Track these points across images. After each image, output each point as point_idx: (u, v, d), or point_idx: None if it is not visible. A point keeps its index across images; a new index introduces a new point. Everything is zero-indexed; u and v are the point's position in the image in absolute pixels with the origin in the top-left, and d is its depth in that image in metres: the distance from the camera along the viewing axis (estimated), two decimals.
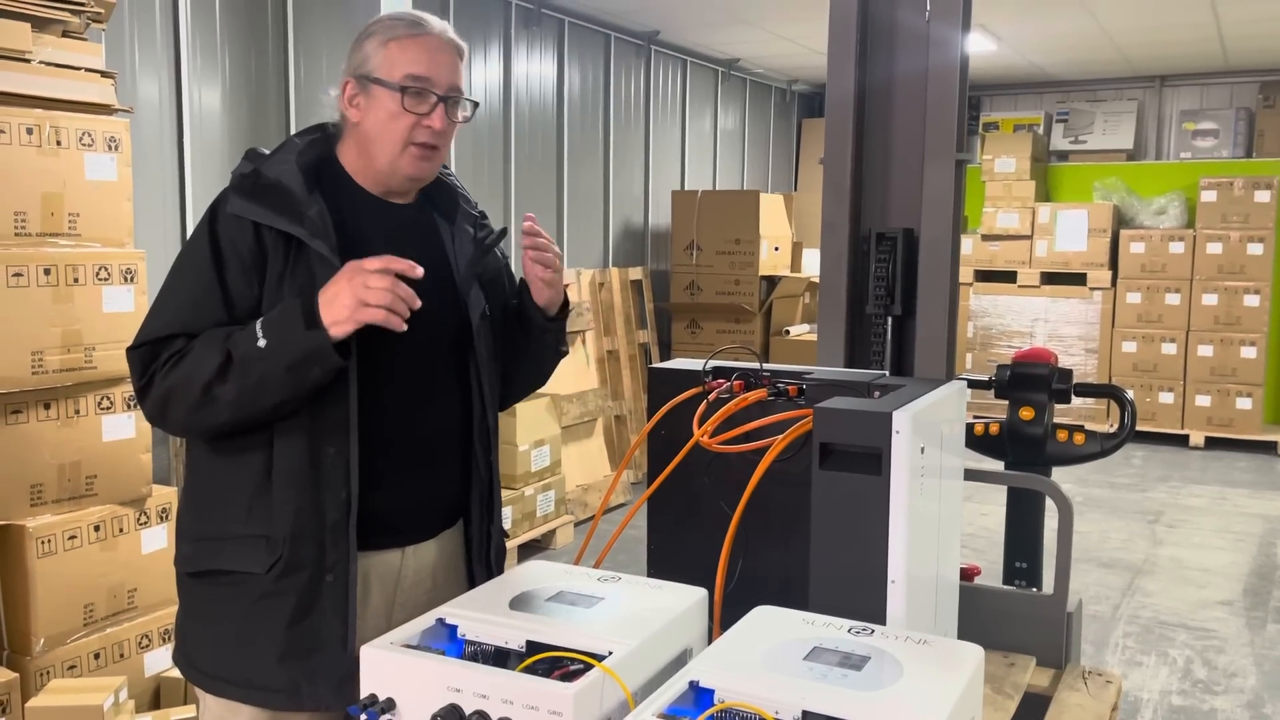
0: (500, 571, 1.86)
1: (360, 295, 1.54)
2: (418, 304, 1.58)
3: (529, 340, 1.90)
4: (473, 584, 1.81)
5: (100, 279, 2.92)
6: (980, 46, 7.33)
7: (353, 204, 1.73)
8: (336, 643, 1.64)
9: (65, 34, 3.00)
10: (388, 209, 1.77)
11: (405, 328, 1.57)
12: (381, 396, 1.70)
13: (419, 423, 1.72)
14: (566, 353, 2.00)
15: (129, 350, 1.65)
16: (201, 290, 1.63)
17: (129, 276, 2.99)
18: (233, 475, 1.66)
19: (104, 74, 3.05)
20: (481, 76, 5.97)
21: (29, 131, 2.80)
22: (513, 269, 1.98)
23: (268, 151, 1.73)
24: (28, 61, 2.85)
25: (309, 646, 1.64)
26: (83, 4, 3.00)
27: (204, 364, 1.57)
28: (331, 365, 1.57)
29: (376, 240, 1.72)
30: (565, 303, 1.90)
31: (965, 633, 1.72)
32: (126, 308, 2.97)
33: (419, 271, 1.57)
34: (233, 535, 1.65)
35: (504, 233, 1.91)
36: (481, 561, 1.84)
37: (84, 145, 2.92)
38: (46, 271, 2.81)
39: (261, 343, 1.55)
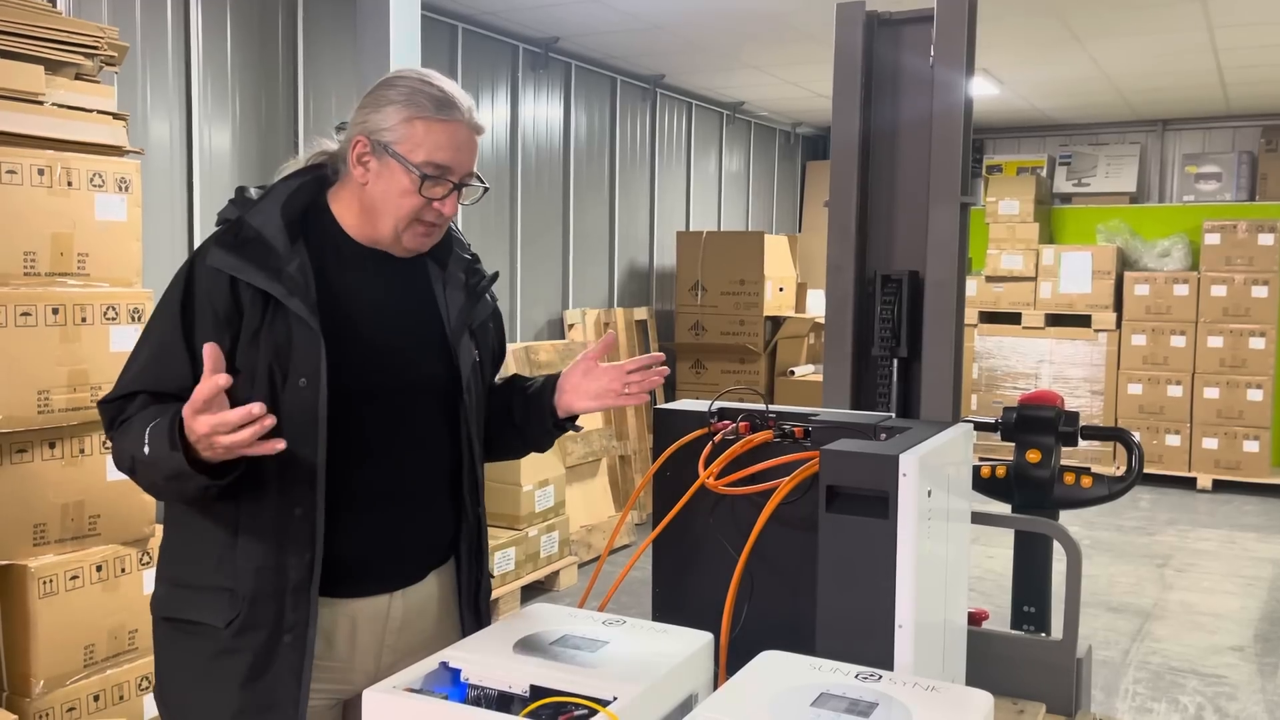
0: (487, 615, 1.85)
1: (210, 454, 1.48)
2: (272, 422, 1.45)
3: (536, 429, 1.88)
4: (461, 628, 1.80)
5: (108, 319, 2.93)
6: (983, 90, 7.40)
7: (338, 255, 1.71)
8: (289, 705, 1.61)
9: (78, 76, 3.04)
10: (375, 259, 1.74)
11: (282, 445, 1.47)
12: (370, 448, 1.68)
13: (407, 473, 1.70)
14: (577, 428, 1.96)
15: (98, 403, 1.66)
16: (165, 346, 1.61)
17: (136, 316, 3.00)
18: (204, 525, 1.64)
19: (116, 116, 3.08)
20: (489, 118, 6.02)
21: (40, 172, 2.82)
22: (501, 312, 1.95)
23: (255, 194, 1.70)
24: (40, 104, 2.88)
25: (261, 706, 1.61)
26: (96, 48, 3.05)
27: (127, 451, 1.58)
28: (201, 484, 1.51)
29: (361, 293, 1.71)
30: None
31: (973, 679, 1.70)
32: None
33: (269, 421, 1.44)
34: (202, 585, 1.63)
35: (495, 277, 1.88)
36: (470, 606, 1.82)
37: (95, 186, 2.95)
38: (55, 311, 2.82)
39: (146, 450, 1.53)
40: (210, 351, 1.44)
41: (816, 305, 7.64)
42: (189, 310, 1.61)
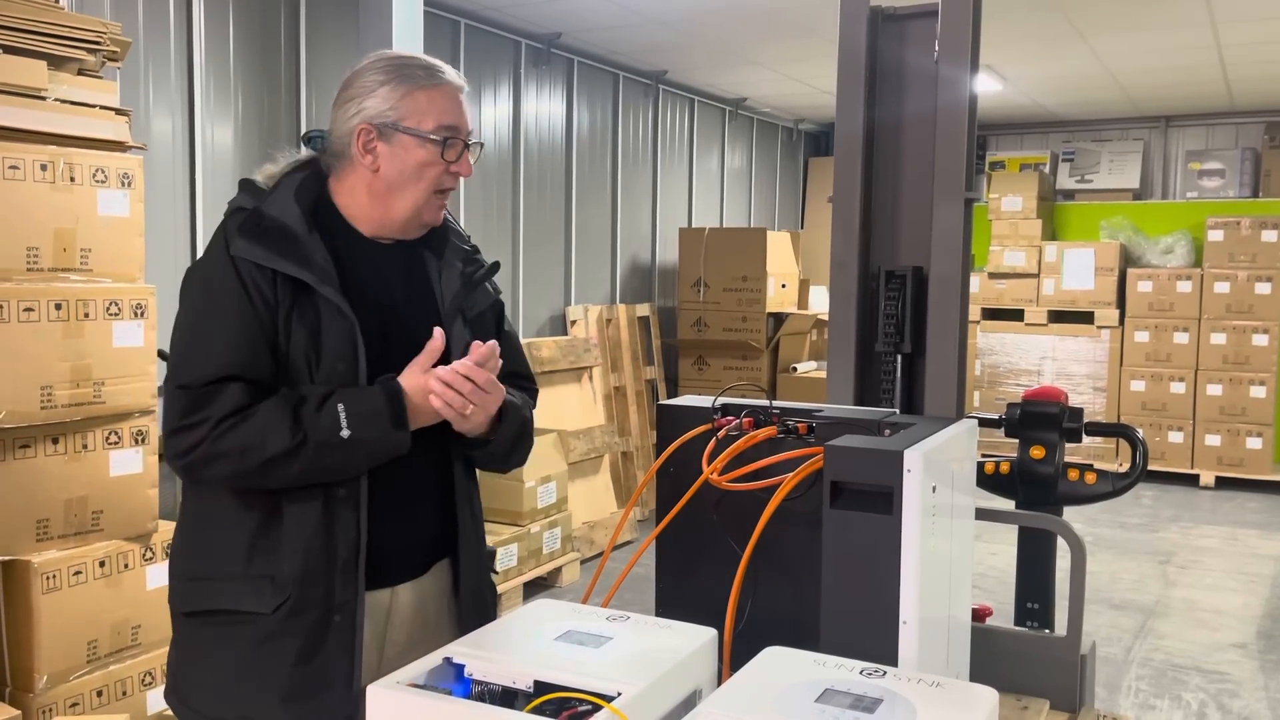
0: (490, 611, 1.85)
1: (442, 408, 1.65)
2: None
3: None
4: (464, 624, 1.80)
5: (111, 314, 2.93)
6: (986, 87, 7.38)
7: (348, 245, 1.73)
8: (342, 683, 1.63)
9: (81, 72, 3.03)
10: (378, 249, 1.77)
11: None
12: None
13: (405, 463, 1.70)
14: (513, 467, 1.91)
15: (176, 388, 1.60)
16: (245, 329, 1.60)
17: (139, 311, 3.00)
18: (234, 515, 1.64)
19: (119, 111, 3.08)
20: (491, 114, 6.02)
21: (43, 168, 2.82)
22: (504, 303, 1.95)
23: (261, 182, 1.71)
24: (43, 99, 2.88)
25: (314, 687, 1.62)
26: (99, 43, 3.04)
27: (273, 439, 1.56)
28: (402, 452, 1.65)
29: (368, 282, 1.73)
30: (500, 416, 1.76)
31: (977, 675, 1.70)
32: (136, 342, 2.98)
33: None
34: (233, 575, 1.63)
35: (495, 267, 1.89)
36: (472, 602, 1.82)
37: (97, 182, 2.94)
38: (58, 306, 2.82)
39: (345, 433, 1.57)
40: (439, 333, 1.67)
41: (819, 302, 7.64)
42: (250, 296, 1.61)
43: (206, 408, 1.58)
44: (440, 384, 1.63)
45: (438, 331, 1.66)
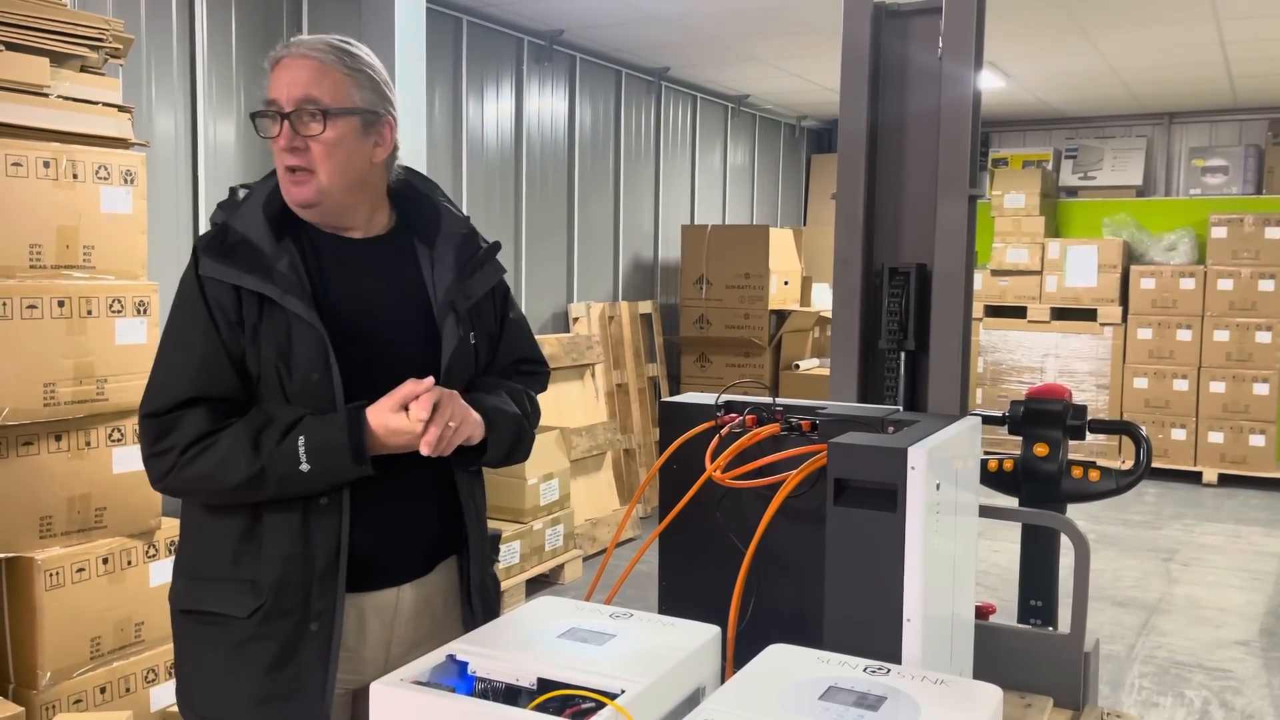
0: (493, 608, 1.85)
1: (403, 443, 1.62)
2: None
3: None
4: (468, 621, 1.80)
5: (114, 311, 2.93)
6: (989, 83, 7.37)
7: (315, 246, 1.71)
8: (316, 691, 1.62)
9: (83, 69, 3.03)
10: (347, 245, 1.74)
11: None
12: None
13: (406, 462, 1.68)
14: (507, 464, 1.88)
15: (143, 418, 1.63)
16: (210, 351, 1.61)
17: (142, 309, 3.00)
18: (222, 519, 1.65)
19: (121, 108, 3.08)
20: (494, 111, 6.02)
21: (46, 165, 2.82)
22: (507, 284, 1.91)
23: (243, 195, 1.70)
24: (46, 96, 2.88)
25: (288, 692, 1.62)
26: (101, 40, 3.04)
27: (233, 469, 1.57)
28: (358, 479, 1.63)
29: (346, 283, 1.70)
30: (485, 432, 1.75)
31: (981, 672, 1.69)
32: (139, 340, 2.98)
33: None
34: (219, 577, 1.65)
35: (496, 247, 1.84)
36: (476, 599, 1.82)
37: (100, 179, 2.94)
38: (60, 303, 2.82)
39: (305, 467, 1.56)
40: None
41: (821, 299, 7.63)
42: (214, 318, 1.61)
43: (171, 435, 1.60)
44: (429, 445, 1.60)
45: (429, 380, 1.62)
